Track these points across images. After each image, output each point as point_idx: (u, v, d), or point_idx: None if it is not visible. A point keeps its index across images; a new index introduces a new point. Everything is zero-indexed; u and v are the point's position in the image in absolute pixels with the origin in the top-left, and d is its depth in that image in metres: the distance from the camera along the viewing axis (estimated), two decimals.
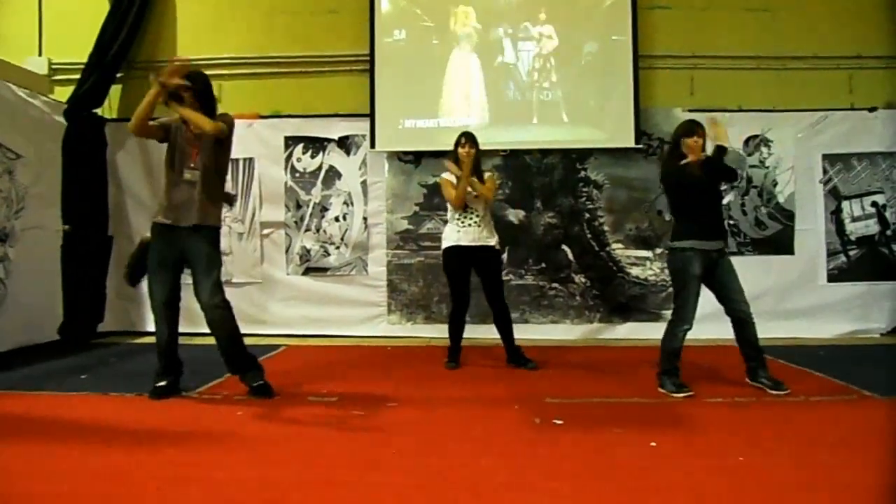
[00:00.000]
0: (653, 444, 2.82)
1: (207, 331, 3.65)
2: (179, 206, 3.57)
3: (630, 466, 2.59)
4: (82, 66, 5.76)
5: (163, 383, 3.67)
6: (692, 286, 3.71)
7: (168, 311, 3.65)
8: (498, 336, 4.53)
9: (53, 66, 6.05)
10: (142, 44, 6.12)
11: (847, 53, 5.82)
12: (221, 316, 3.59)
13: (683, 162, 3.71)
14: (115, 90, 6.09)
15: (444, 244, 4.50)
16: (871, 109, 5.78)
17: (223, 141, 3.65)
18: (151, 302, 3.67)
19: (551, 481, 2.43)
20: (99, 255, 5.90)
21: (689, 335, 3.76)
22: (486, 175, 4.54)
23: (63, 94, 5.78)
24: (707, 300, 3.83)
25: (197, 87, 3.57)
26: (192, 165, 3.58)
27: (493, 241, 4.45)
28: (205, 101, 3.61)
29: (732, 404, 3.52)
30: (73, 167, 5.60)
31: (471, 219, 4.40)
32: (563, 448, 2.84)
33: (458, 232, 4.40)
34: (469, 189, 4.35)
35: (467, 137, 4.45)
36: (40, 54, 6.05)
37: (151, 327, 3.81)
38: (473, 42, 5.86)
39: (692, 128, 3.78)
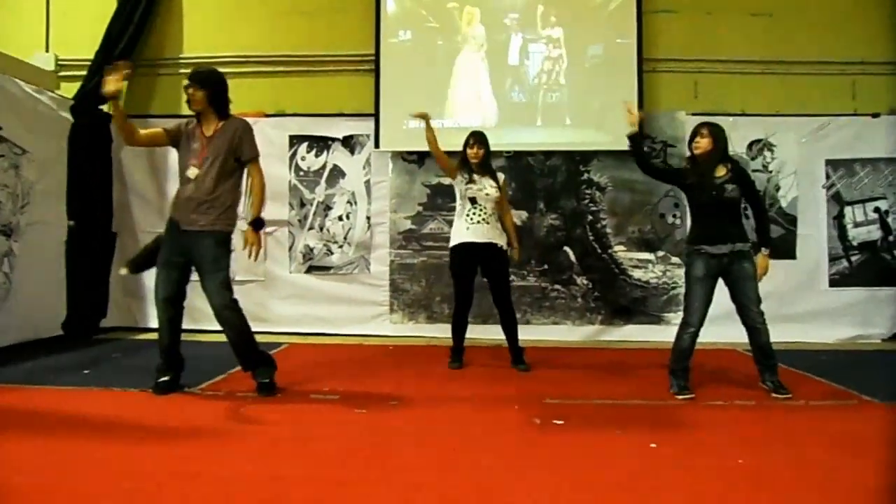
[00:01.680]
0: (653, 445, 2.84)
1: (210, 328, 3.68)
2: (188, 206, 3.58)
3: (629, 467, 2.60)
4: (89, 63, 5.78)
5: (165, 379, 3.68)
6: (696, 288, 3.71)
7: (170, 307, 3.66)
8: (500, 336, 4.54)
9: (60, 63, 6.06)
10: (148, 41, 6.13)
11: (851, 59, 5.83)
12: (231, 316, 3.61)
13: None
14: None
15: (452, 242, 4.49)
16: (875, 115, 5.78)
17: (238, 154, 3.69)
18: (155, 297, 3.69)
19: (551, 481, 2.45)
20: (103, 251, 5.92)
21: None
22: (501, 179, 4.55)
23: (69, 90, 5.80)
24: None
25: (207, 89, 3.58)
26: (195, 163, 3.59)
27: (501, 241, 4.45)
28: (217, 101, 3.62)
29: (733, 407, 3.54)
30: (79, 163, 5.61)
31: (479, 216, 4.39)
32: (563, 448, 2.85)
33: (468, 229, 4.39)
34: (481, 187, 4.36)
35: (476, 138, 4.46)
36: (47, 50, 6.07)
37: (154, 323, 3.83)
38: (478, 43, 5.88)
39: (696, 129, 3.81)
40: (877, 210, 5.79)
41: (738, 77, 5.92)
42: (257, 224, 3.66)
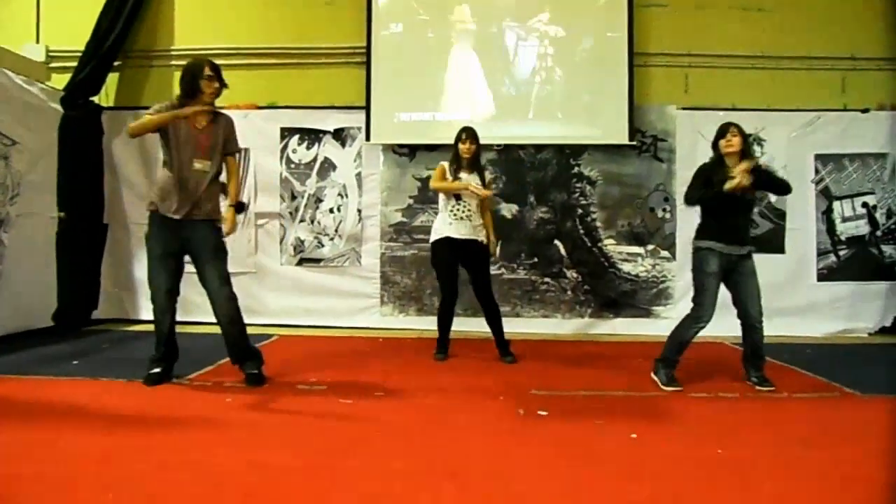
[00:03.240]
0: (633, 435, 2.87)
1: (200, 320, 3.70)
2: (188, 197, 3.59)
3: (610, 455, 2.64)
4: (79, 54, 5.77)
5: (157, 370, 3.71)
6: (710, 284, 3.71)
7: (171, 299, 3.68)
8: (487, 329, 4.57)
9: (51, 54, 6.06)
10: (139, 33, 6.13)
11: (841, 54, 5.86)
12: (231, 307, 3.65)
13: (728, 187, 3.54)
14: (112, 78, 6.11)
15: (434, 236, 4.51)
16: (864, 111, 5.81)
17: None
18: (153, 291, 3.68)
19: (531, 469, 2.48)
20: (94, 242, 5.93)
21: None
22: (488, 179, 4.56)
23: (60, 81, 5.79)
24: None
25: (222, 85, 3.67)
26: (203, 156, 3.62)
27: (482, 237, 4.48)
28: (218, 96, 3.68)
29: (716, 399, 3.57)
30: (69, 155, 5.61)
31: (463, 212, 4.42)
32: (545, 438, 2.88)
33: (450, 224, 4.42)
34: (458, 180, 4.39)
35: (468, 133, 4.46)
36: (38, 41, 6.06)
37: (144, 315, 3.86)
38: (470, 37, 5.88)
39: (724, 129, 3.77)
40: (865, 205, 5.83)
41: (728, 71, 5.94)
42: (239, 207, 3.84)
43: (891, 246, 5.82)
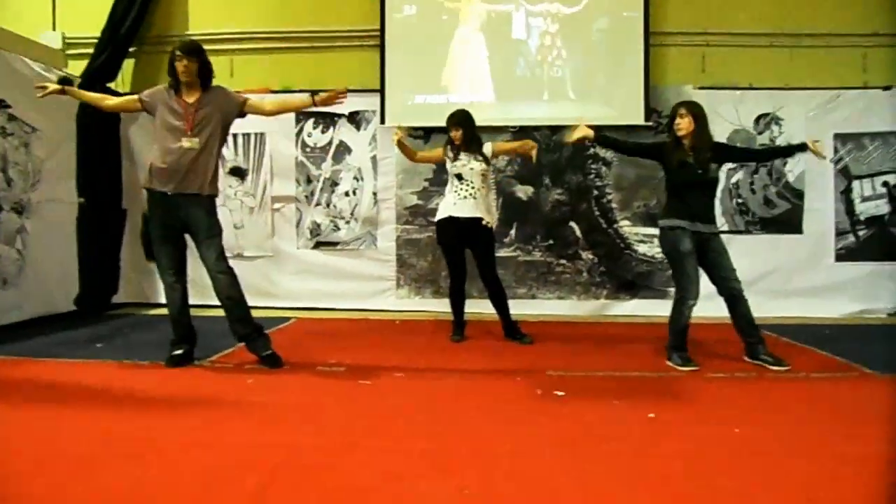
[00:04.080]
0: (651, 415, 2.88)
1: (217, 303, 3.76)
2: (179, 173, 3.65)
3: (627, 435, 2.66)
4: (96, 41, 5.81)
5: (178, 352, 3.77)
6: (688, 262, 3.75)
7: (177, 277, 3.76)
8: None
9: (67, 41, 6.10)
10: (154, 19, 6.14)
11: (861, 31, 5.74)
12: (228, 281, 3.71)
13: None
14: (129, 64, 6.14)
15: (438, 216, 4.57)
16: (886, 88, 5.71)
17: (232, 119, 3.83)
18: (160, 271, 3.79)
19: (551, 448, 2.50)
20: (113, 227, 6.01)
21: (693, 313, 3.81)
22: (488, 148, 4.57)
23: (77, 68, 5.83)
24: (706, 279, 3.87)
25: (200, 60, 3.69)
26: (190, 133, 3.66)
27: (487, 216, 4.48)
28: (204, 72, 3.72)
29: (732, 379, 3.58)
30: (88, 141, 5.67)
31: (466, 191, 4.43)
32: (563, 417, 2.91)
33: (454, 204, 4.45)
34: (465, 162, 4.43)
35: (453, 120, 4.49)
36: (54, 28, 6.10)
37: (163, 299, 3.91)
38: (483, 18, 5.84)
39: (674, 110, 3.84)
40: (885, 184, 5.75)
41: (746, 50, 5.85)
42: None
43: None
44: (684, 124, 3.75)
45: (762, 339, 3.84)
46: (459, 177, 4.46)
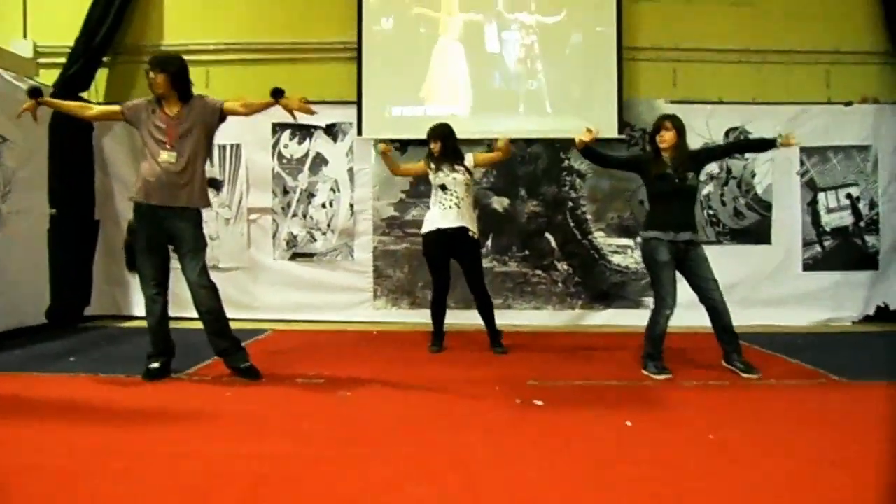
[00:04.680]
0: (628, 423, 2.94)
1: (195, 315, 3.74)
2: (165, 187, 3.63)
3: (606, 442, 2.71)
4: (68, 50, 5.74)
5: (155, 365, 3.73)
6: (665, 272, 3.84)
7: (159, 290, 3.73)
8: (481, 321, 4.63)
9: (39, 50, 6.02)
10: (129, 29, 6.11)
11: (825, 48, 5.94)
12: (209, 295, 3.69)
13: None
14: (102, 74, 6.09)
15: (424, 228, 4.59)
16: (848, 104, 5.91)
17: (214, 126, 3.78)
18: (142, 283, 3.75)
19: (531, 457, 2.54)
20: (85, 239, 5.93)
21: (671, 322, 3.88)
22: (469, 158, 4.61)
23: (49, 77, 5.75)
24: (685, 289, 3.96)
25: (168, 72, 3.64)
26: (170, 147, 3.64)
27: (472, 225, 4.52)
28: (179, 84, 3.68)
29: (706, 387, 3.65)
30: (60, 151, 5.59)
31: (451, 200, 4.47)
32: (543, 426, 2.95)
33: (440, 216, 4.48)
34: (447, 173, 4.46)
35: (432, 134, 4.54)
36: (25, 37, 6.01)
37: (138, 311, 3.89)
38: (460, 31, 5.92)
39: (658, 123, 3.94)
40: (849, 196, 5.95)
41: (716, 66, 6.02)
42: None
43: (873, 236, 5.94)
44: (668, 137, 3.86)
45: (738, 347, 3.93)
46: (443, 187, 4.49)
